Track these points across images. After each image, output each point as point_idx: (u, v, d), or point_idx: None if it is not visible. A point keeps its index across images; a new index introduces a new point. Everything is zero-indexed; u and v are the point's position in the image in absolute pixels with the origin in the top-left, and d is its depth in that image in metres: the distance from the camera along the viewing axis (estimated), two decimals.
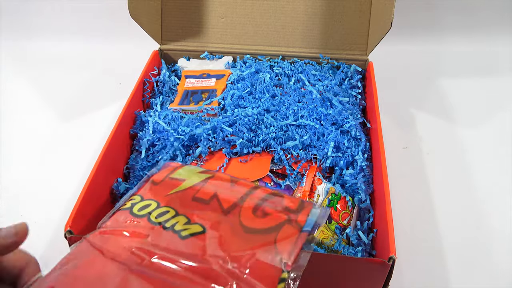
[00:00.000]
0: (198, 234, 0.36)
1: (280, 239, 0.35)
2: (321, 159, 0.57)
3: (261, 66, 0.73)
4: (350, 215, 0.53)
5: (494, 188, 0.66)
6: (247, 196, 0.39)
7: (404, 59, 0.94)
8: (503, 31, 0.96)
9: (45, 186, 0.67)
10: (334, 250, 0.48)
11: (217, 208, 0.38)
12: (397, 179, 0.63)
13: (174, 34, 0.79)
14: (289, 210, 0.38)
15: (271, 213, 0.37)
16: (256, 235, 0.35)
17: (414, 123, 0.79)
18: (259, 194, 0.40)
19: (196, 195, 0.40)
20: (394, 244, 0.42)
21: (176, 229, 0.36)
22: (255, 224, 0.36)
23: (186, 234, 0.36)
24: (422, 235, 0.60)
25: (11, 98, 0.87)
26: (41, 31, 1.01)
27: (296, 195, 0.53)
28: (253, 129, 0.60)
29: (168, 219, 0.37)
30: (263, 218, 0.37)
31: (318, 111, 0.62)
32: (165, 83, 0.74)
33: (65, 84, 0.90)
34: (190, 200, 0.39)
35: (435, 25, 0.97)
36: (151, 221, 0.37)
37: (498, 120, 0.79)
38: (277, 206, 0.38)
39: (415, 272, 0.55)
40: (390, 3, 0.62)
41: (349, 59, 0.75)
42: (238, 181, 0.42)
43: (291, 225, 0.36)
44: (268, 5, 0.77)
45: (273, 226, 0.36)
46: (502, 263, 0.56)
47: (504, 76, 0.89)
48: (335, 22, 0.75)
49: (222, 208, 0.38)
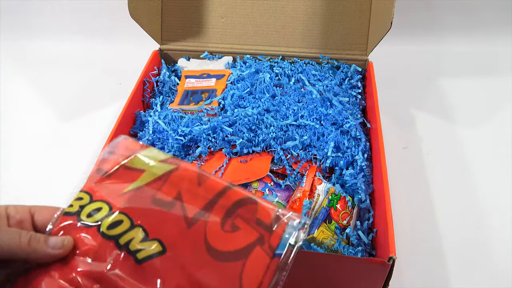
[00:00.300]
0: (157, 256, 0.31)
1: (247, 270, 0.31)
2: (321, 159, 0.57)
3: (261, 66, 0.73)
4: (350, 215, 0.53)
5: (494, 188, 0.66)
6: (216, 202, 0.34)
7: (404, 59, 0.94)
8: (503, 31, 0.96)
9: (45, 186, 0.67)
10: (334, 250, 0.48)
11: (180, 217, 0.33)
12: (397, 179, 0.63)
13: (174, 34, 0.79)
14: (262, 225, 0.33)
15: (241, 227, 0.33)
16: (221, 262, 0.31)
17: (414, 123, 0.79)
18: (230, 199, 0.34)
19: (157, 195, 0.34)
20: (394, 244, 0.42)
21: (132, 250, 0.31)
22: (222, 244, 0.32)
23: (143, 256, 0.31)
24: (422, 235, 0.60)
25: (11, 98, 0.87)
26: (41, 31, 1.01)
27: (296, 195, 0.53)
28: (253, 129, 0.59)
29: (122, 232, 0.32)
30: (231, 234, 0.32)
31: (318, 111, 0.62)
32: (165, 83, 0.74)
33: (65, 84, 0.90)
34: (149, 203, 0.34)
35: (435, 25, 0.97)
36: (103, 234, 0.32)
37: (498, 120, 0.79)
38: (249, 217, 0.33)
39: (415, 272, 0.55)
40: (390, 3, 0.62)
41: (349, 59, 0.75)
42: (207, 179, 0.35)
43: (262, 248, 0.32)
44: (268, 5, 0.77)
45: (242, 248, 0.32)
46: (502, 263, 0.56)
47: (504, 76, 0.89)
48: (335, 22, 0.75)
49: (186, 218, 0.33)
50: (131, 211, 0.33)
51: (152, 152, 0.37)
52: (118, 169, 0.36)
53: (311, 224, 0.50)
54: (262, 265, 0.31)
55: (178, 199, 0.34)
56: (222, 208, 0.34)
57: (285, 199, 0.54)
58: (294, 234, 0.32)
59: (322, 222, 0.50)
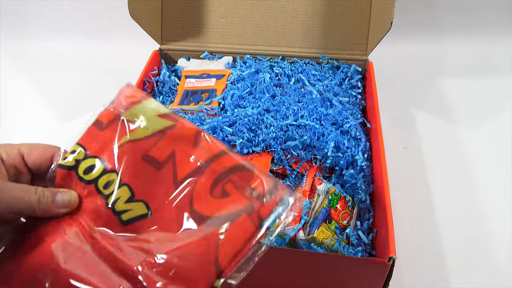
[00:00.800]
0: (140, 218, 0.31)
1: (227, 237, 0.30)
2: (321, 159, 0.57)
3: (261, 66, 0.73)
4: (350, 215, 0.53)
5: (494, 188, 0.66)
6: (208, 165, 0.32)
7: (404, 59, 0.94)
8: (503, 31, 0.96)
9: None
10: (334, 250, 0.48)
11: (169, 178, 0.32)
12: (397, 179, 0.63)
13: (174, 34, 0.79)
14: (254, 194, 0.31)
15: (231, 193, 0.31)
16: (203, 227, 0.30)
17: (414, 123, 0.79)
18: (224, 164, 0.32)
19: (149, 152, 0.33)
20: (394, 244, 0.42)
21: (117, 210, 0.32)
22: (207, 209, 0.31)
23: (127, 218, 0.31)
24: (422, 235, 0.60)
25: (11, 98, 0.87)
26: (41, 31, 1.01)
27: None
28: (253, 129, 0.59)
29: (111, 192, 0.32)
30: (220, 199, 0.31)
31: (318, 111, 0.62)
32: (165, 83, 0.74)
33: (65, 84, 0.90)
34: (139, 159, 0.33)
35: (435, 25, 0.97)
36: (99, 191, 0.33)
37: (498, 120, 0.79)
38: (242, 184, 0.31)
39: (415, 272, 0.55)
40: (390, 3, 0.62)
41: (349, 59, 0.75)
42: (203, 140, 0.34)
43: (249, 217, 0.30)
44: (268, 5, 0.77)
45: (227, 214, 0.30)
46: (502, 263, 0.56)
47: (504, 76, 0.89)
48: (335, 22, 0.75)
49: (175, 180, 0.32)
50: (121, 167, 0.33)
51: (152, 104, 0.35)
52: (114, 120, 0.35)
53: (311, 224, 0.50)
54: (245, 234, 0.30)
55: (171, 159, 0.33)
56: (214, 173, 0.32)
57: None
58: (286, 210, 0.31)
59: (322, 222, 0.50)
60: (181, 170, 0.32)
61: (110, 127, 0.35)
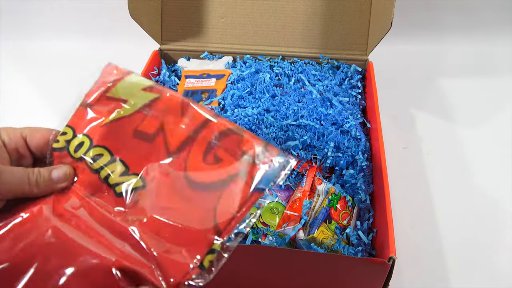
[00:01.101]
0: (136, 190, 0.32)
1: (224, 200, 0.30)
2: (321, 159, 0.57)
3: (261, 66, 0.73)
4: (350, 215, 0.53)
5: (494, 188, 0.66)
6: (199, 132, 0.33)
7: (404, 59, 0.94)
8: (503, 31, 0.96)
9: None
10: (334, 250, 0.48)
11: (162, 149, 0.33)
12: (397, 179, 0.63)
13: (174, 34, 0.79)
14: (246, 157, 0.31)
15: (224, 158, 0.32)
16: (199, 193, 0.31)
17: (414, 123, 0.79)
18: (213, 130, 0.33)
19: (139, 127, 0.34)
20: (394, 244, 0.42)
21: (111, 183, 0.32)
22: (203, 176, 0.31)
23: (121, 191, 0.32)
24: (422, 235, 0.60)
25: (11, 98, 0.87)
26: (41, 31, 1.01)
27: (296, 195, 0.53)
28: (253, 129, 0.60)
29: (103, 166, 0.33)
30: (213, 165, 0.32)
31: (318, 111, 0.62)
32: (165, 83, 0.74)
33: (65, 84, 0.90)
34: (130, 136, 0.34)
35: (435, 25, 0.97)
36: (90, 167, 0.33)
37: (498, 120, 0.79)
38: (233, 148, 0.32)
39: (415, 272, 0.55)
40: (390, 3, 0.62)
41: (349, 59, 0.75)
42: (190, 108, 0.34)
43: (243, 179, 0.30)
44: (268, 5, 0.77)
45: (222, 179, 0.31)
46: (502, 263, 0.56)
47: (504, 76, 0.89)
48: (335, 22, 0.75)
49: (168, 151, 0.33)
50: (111, 144, 0.33)
51: (134, 78, 0.36)
52: (99, 99, 0.36)
53: (311, 224, 0.50)
54: (240, 196, 0.30)
55: (161, 131, 0.33)
56: (205, 140, 0.33)
57: (285, 199, 0.54)
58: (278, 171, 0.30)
59: (322, 222, 0.50)
60: (172, 141, 0.33)
61: (96, 105, 0.35)
